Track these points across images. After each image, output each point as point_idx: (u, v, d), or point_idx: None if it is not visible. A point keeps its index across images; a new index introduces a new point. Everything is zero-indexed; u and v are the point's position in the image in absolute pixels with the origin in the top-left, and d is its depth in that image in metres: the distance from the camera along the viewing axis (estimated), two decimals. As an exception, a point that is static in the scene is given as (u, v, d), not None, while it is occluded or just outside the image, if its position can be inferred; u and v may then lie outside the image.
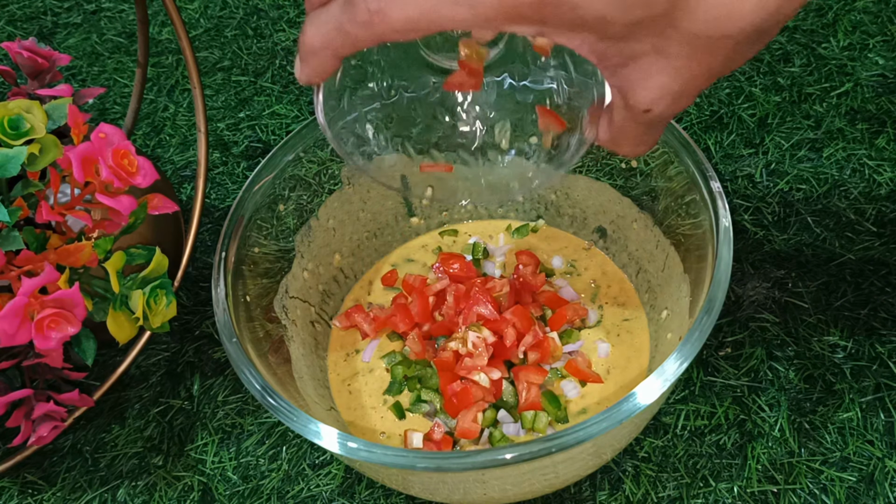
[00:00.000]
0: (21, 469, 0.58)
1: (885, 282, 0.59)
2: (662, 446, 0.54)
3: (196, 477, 0.57)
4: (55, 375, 0.51)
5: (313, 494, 0.55)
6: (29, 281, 0.43)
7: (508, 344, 0.54)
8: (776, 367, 0.56)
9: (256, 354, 0.48)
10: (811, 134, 0.69)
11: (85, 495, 0.57)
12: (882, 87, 0.71)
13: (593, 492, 0.53)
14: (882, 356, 0.56)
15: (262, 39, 0.85)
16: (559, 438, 0.40)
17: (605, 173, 0.59)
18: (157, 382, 0.62)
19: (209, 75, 0.83)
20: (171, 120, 0.79)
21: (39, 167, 0.46)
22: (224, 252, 0.51)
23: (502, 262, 0.62)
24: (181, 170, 0.75)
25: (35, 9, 0.93)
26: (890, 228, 0.62)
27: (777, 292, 0.60)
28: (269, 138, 0.76)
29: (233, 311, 0.49)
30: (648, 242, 0.57)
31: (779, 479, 0.52)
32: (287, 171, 0.55)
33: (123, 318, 0.47)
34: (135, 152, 0.47)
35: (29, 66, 0.53)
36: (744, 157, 0.68)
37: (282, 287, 0.55)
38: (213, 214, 0.71)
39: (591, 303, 0.59)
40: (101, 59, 0.86)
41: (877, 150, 0.67)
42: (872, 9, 0.77)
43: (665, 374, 0.42)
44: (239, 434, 0.58)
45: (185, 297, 0.66)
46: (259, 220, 0.54)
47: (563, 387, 0.54)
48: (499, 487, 0.47)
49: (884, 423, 0.53)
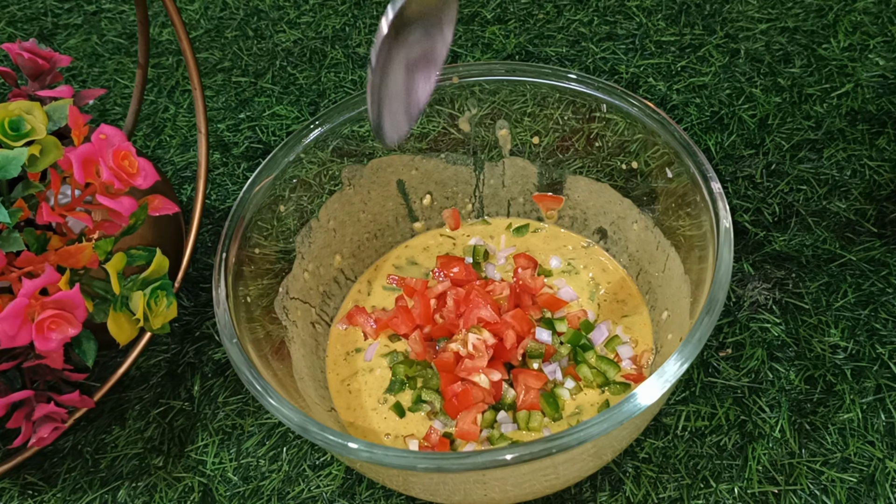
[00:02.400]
0: (21, 470, 0.58)
1: (886, 282, 0.59)
2: (663, 447, 0.54)
3: (196, 478, 0.57)
4: (56, 377, 0.51)
5: (314, 495, 0.55)
6: (29, 282, 0.43)
7: (508, 346, 0.54)
8: (777, 368, 0.56)
9: (257, 355, 0.48)
10: (811, 135, 0.69)
11: (85, 496, 0.57)
12: (882, 87, 0.71)
13: (594, 492, 0.53)
14: (882, 357, 0.56)
15: (262, 40, 0.85)
16: (560, 439, 0.40)
17: (605, 174, 0.59)
18: (158, 383, 0.62)
19: (209, 76, 0.83)
20: (172, 121, 0.79)
21: (40, 168, 0.46)
22: (225, 253, 0.51)
23: (503, 265, 0.62)
24: (182, 171, 0.75)
25: (35, 10, 0.93)
26: (890, 229, 0.62)
27: (777, 293, 0.60)
28: (270, 139, 0.76)
29: (233, 312, 0.49)
30: (649, 243, 0.57)
31: (779, 480, 0.52)
32: (287, 171, 0.55)
33: (124, 319, 0.47)
34: (135, 153, 0.47)
35: (29, 67, 0.53)
36: (744, 157, 0.68)
37: (282, 288, 0.55)
38: (213, 215, 0.71)
39: (589, 301, 0.59)
40: (101, 61, 0.86)
41: (877, 151, 0.67)
42: (873, 10, 0.77)
43: (665, 375, 0.42)
44: (239, 435, 0.58)
45: (185, 298, 0.66)
46: (259, 220, 0.54)
47: (561, 388, 0.55)
48: (499, 488, 0.47)
49: (884, 424, 0.53)
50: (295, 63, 0.83)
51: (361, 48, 0.83)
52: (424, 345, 0.56)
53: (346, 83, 0.80)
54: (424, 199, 0.63)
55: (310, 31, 0.85)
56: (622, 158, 0.57)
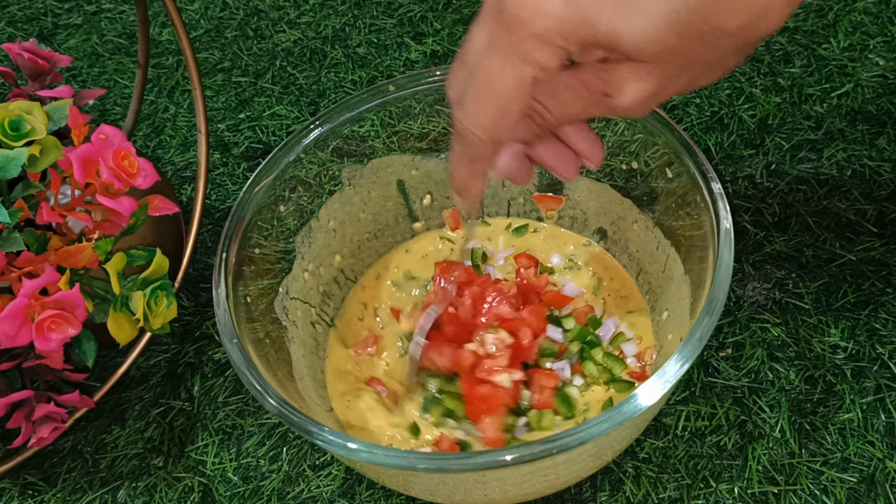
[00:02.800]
0: (21, 470, 0.58)
1: (886, 282, 0.59)
2: (663, 447, 0.54)
3: (196, 478, 0.56)
4: (56, 377, 0.51)
5: (314, 495, 0.55)
6: (29, 282, 0.43)
7: (525, 343, 0.54)
8: (777, 368, 0.56)
9: (257, 355, 0.48)
10: (811, 135, 0.69)
11: (85, 496, 0.57)
12: (882, 87, 0.71)
13: (594, 493, 0.53)
14: (882, 357, 0.56)
15: (262, 40, 0.85)
16: (560, 440, 0.40)
17: (605, 174, 0.59)
18: (158, 383, 0.62)
19: (209, 76, 0.83)
20: (172, 121, 0.79)
21: (40, 168, 0.46)
22: (225, 253, 0.51)
23: (503, 265, 0.62)
24: (182, 171, 0.75)
25: (35, 10, 0.93)
26: (890, 229, 0.62)
27: (778, 293, 0.60)
28: (270, 139, 0.76)
29: (233, 312, 0.49)
30: (649, 244, 0.57)
31: (779, 480, 0.52)
32: (287, 171, 0.55)
33: (124, 319, 0.47)
34: (135, 153, 0.47)
35: (29, 67, 0.53)
36: (744, 157, 0.68)
37: (282, 288, 0.55)
38: (213, 215, 0.71)
39: (593, 296, 0.59)
40: (101, 61, 0.86)
41: (877, 151, 0.67)
42: (873, 10, 0.77)
43: (666, 375, 0.42)
44: (239, 435, 0.58)
45: (185, 298, 0.66)
46: (259, 221, 0.54)
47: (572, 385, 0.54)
48: (499, 488, 0.47)
49: (884, 424, 0.53)
50: (295, 63, 0.83)
51: (361, 48, 0.83)
52: (453, 356, 0.54)
53: (346, 83, 0.80)
54: (424, 199, 0.63)
55: (310, 31, 0.85)
56: (622, 158, 0.57)
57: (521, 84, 0.35)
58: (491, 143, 0.38)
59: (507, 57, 0.34)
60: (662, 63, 0.34)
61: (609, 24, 0.32)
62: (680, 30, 0.32)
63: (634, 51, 0.33)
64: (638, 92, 0.35)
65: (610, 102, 0.36)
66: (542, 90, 0.37)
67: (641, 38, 0.32)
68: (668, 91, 0.36)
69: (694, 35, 0.32)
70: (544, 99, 0.38)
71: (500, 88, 0.35)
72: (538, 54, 0.34)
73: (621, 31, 0.32)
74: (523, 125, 0.40)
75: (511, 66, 0.34)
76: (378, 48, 0.83)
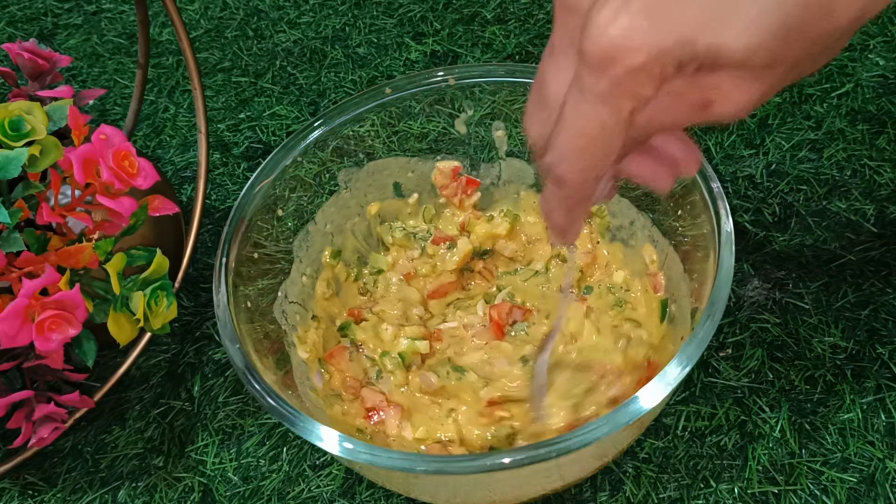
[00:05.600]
0: (22, 470, 0.58)
1: (886, 282, 0.59)
2: (663, 447, 0.54)
3: (197, 478, 0.57)
4: (56, 377, 0.51)
5: (314, 495, 0.55)
6: (30, 282, 0.43)
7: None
8: (777, 368, 0.56)
9: (257, 356, 0.48)
10: (812, 135, 0.69)
11: (85, 496, 0.57)
12: (882, 87, 0.71)
13: (594, 493, 0.53)
14: (883, 357, 0.56)
15: (262, 40, 0.85)
16: (561, 442, 0.40)
17: (605, 174, 0.59)
18: (158, 383, 0.62)
19: (209, 76, 0.83)
20: (172, 121, 0.79)
21: (40, 168, 0.46)
22: (225, 254, 0.51)
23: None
24: (182, 171, 0.75)
25: (35, 10, 0.93)
26: (890, 229, 0.62)
27: (778, 293, 0.60)
28: (270, 139, 0.76)
29: (234, 313, 0.49)
30: (648, 244, 0.57)
31: (779, 480, 0.52)
32: (287, 172, 0.55)
33: (124, 319, 0.47)
34: (135, 153, 0.47)
35: (29, 67, 0.52)
36: (744, 157, 0.68)
37: (281, 292, 0.55)
38: (213, 215, 0.71)
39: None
40: (101, 61, 0.86)
41: (877, 151, 0.67)
42: (873, 9, 0.77)
43: (667, 377, 0.42)
44: (239, 435, 0.58)
45: (185, 299, 0.66)
46: (260, 221, 0.54)
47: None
48: (500, 490, 0.47)
49: (885, 424, 0.53)
50: (295, 63, 0.83)
51: (361, 48, 0.83)
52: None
53: (346, 83, 0.80)
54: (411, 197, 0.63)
55: (310, 31, 0.85)
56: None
57: (620, 121, 0.32)
58: (593, 183, 0.36)
59: (600, 97, 0.32)
60: (769, 67, 0.32)
61: (708, 38, 0.30)
62: (788, 35, 0.30)
63: (739, 63, 0.31)
64: (746, 99, 0.33)
65: (713, 111, 0.33)
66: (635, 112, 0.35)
67: (747, 49, 0.30)
68: (775, 91, 0.33)
69: (803, 38, 0.30)
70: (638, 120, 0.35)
71: (597, 129, 0.33)
72: (638, 88, 0.31)
73: (722, 44, 0.30)
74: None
75: (606, 106, 0.32)
76: (378, 48, 0.83)
